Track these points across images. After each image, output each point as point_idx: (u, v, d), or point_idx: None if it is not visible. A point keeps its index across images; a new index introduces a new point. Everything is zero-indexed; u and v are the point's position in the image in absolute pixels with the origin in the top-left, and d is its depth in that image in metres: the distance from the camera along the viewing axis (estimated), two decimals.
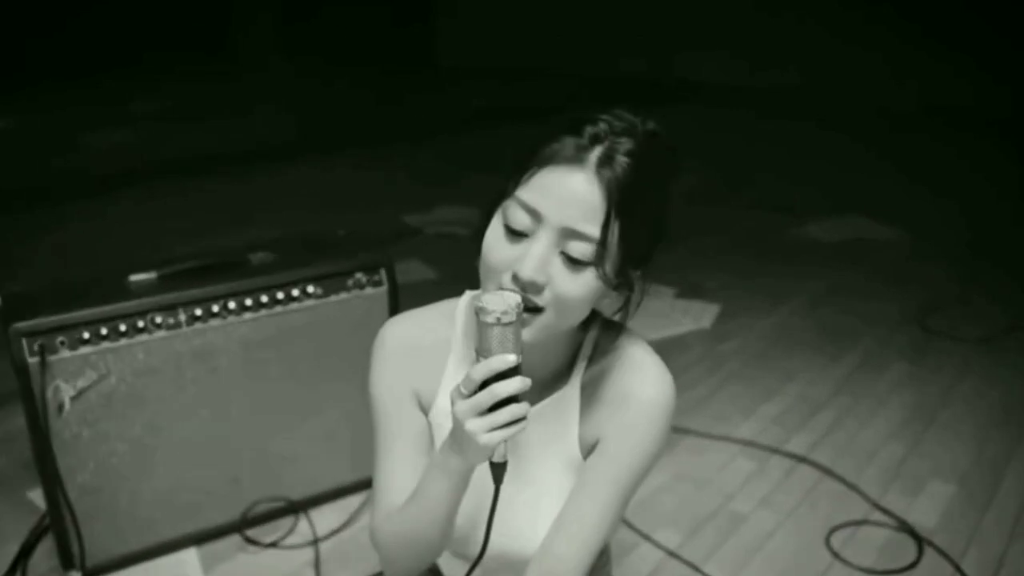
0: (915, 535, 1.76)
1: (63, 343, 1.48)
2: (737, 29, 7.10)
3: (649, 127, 0.89)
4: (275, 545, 1.71)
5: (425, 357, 1.02)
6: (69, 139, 5.32)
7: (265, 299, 1.65)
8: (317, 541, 1.72)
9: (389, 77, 7.51)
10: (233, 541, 1.72)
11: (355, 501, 1.83)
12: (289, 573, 1.65)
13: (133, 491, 1.61)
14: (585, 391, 0.98)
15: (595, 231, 0.84)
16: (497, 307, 0.80)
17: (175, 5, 7.96)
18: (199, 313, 1.59)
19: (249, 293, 1.63)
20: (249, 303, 1.63)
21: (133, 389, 1.56)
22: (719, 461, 2.04)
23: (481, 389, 0.82)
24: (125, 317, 1.52)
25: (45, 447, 1.48)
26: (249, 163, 4.79)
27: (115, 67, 7.30)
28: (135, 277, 1.61)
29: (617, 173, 0.84)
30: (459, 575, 1.09)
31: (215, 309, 1.60)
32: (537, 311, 0.86)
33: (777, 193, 4.33)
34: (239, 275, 1.66)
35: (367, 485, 1.85)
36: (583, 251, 0.84)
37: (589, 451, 0.98)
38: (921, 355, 2.59)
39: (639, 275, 0.92)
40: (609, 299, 0.93)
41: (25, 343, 1.45)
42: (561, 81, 6.72)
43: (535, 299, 0.86)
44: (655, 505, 1.86)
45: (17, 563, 1.64)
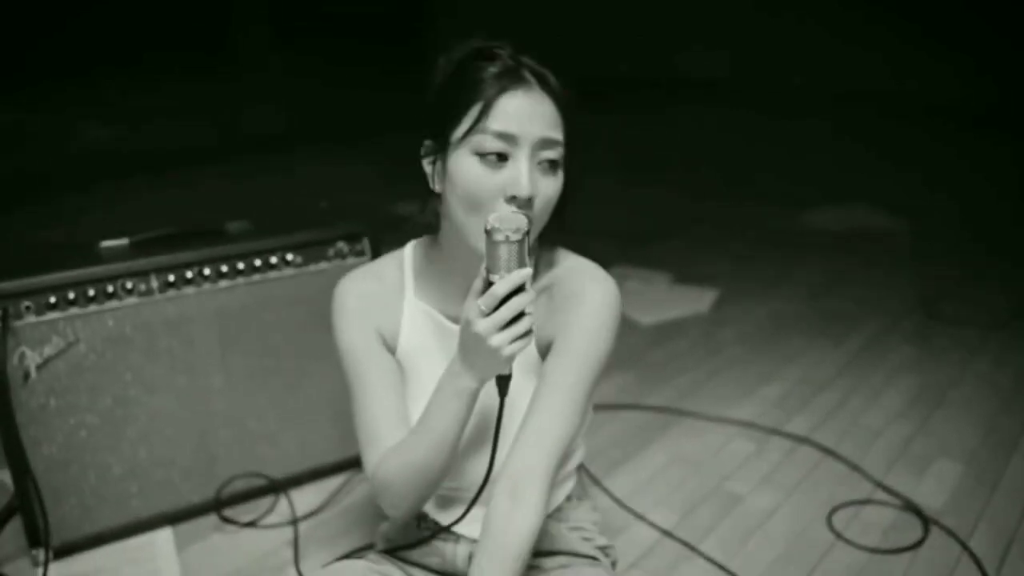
0: (921, 514, 1.68)
1: (29, 308, 1.42)
2: (737, 29, 7.09)
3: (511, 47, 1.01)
4: (253, 524, 1.64)
5: (382, 302, 1.12)
6: (68, 134, 5.32)
7: (242, 266, 1.59)
8: (296, 521, 1.65)
9: (388, 76, 7.49)
10: (209, 521, 1.65)
11: (336, 481, 1.76)
12: (267, 552, 1.58)
13: (103, 466, 1.54)
14: (539, 299, 1.07)
15: (560, 135, 0.97)
16: (508, 226, 0.88)
17: (174, 5, 8.01)
18: (172, 279, 1.52)
19: (225, 260, 1.57)
20: (225, 270, 1.57)
21: (103, 359, 1.50)
22: (716, 443, 1.97)
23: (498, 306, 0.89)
24: (94, 282, 1.46)
25: (8, 415, 1.41)
26: (245, 157, 4.78)
27: (114, 65, 7.34)
28: (106, 243, 1.56)
29: (553, 84, 0.99)
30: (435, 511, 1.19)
31: (189, 275, 1.54)
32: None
33: (777, 188, 4.27)
34: (215, 243, 1.60)
35: (349, 465, 1.78)
36: (557, 153, 0.97)
37: (546, 351, 1.06)
38: (926, 340, 2.52)
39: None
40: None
41: None
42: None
43: (528, 214, 0.94)
44: (650, 487, 1.79)
45: None
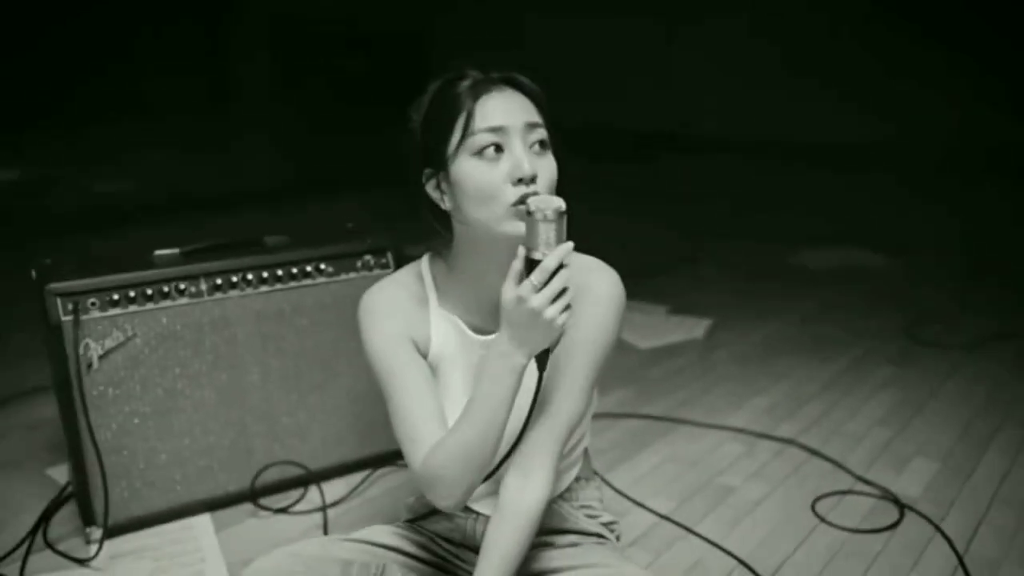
0: (897, 501, 1.83)
1: (94, 304, 1.60)
2: (728, 88, 7.45)
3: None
4: (285, 511, 1.79)
5: (411, 310, 1.20)
6: (76, 181, 5.63)
7: (280, 274, 1.77)
8: (325, 508, 1.79)
9: (390, 126, 7.79)
10: (244, 508, 1.80)
11: (360, 475, 1.92)
12: (298, 536, 1.72)
13: (152, 453, 1.70)
14: None
15: (540, 118, 1.10)
16: (548, 206, 0.99)
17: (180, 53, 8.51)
18: (219, 283, 1.71)
19: (265, 268, 1.76)
20: (265, 276, 1.76)
21: (156, 353, 1.67)
22: (710, 445, 2.12)
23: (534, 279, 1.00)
24: (151, 283, 1.65)
25: (77, 398, 1.58)
26: (248, 203, 4.95)
27: (119, 113, 7.69)
28: (159, 252, 1.75)
29: (520, 81, 1.12)
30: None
31: (234, 280, 1.73)
32: None
33: (771, 230, 4.49)
34: (256, 253, 1.79)
35: (372, 462, 1.94)
36: (543, 134, 1.10)
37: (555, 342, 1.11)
38: (908, 361, 2.69)
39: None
40: None
41: (59, 302, 1.57)
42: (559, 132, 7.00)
43: (537, 189, 1.06)
44: (648, 480, 1.94)
45: (38, 526, 1.72)
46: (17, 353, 2.60)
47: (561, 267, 1.00)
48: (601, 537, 1.33)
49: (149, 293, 1.65)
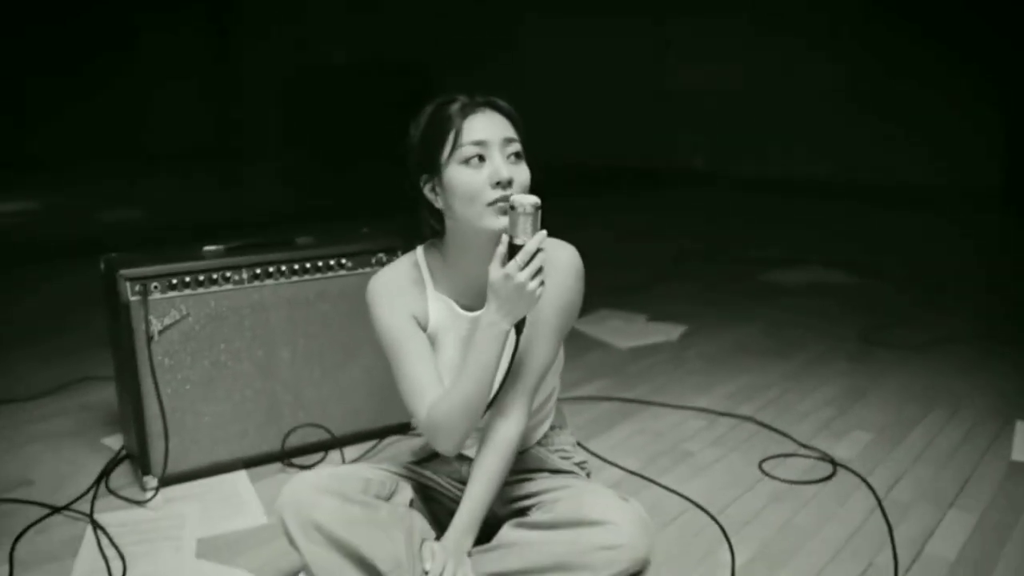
0: (833, 462, 2.14)
1: (156, 287, 1.94)
2: (713, 123, 7.90)
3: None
4: (310, 468, 2.10)
5: (411, 292, 1.45)
6: (87, 215, 6.16)
7: (308, 267, 2.11)
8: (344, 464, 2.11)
9: (395, 168, 8.20)
10: (274, 466, 2.11)
11: (372, 443, 2.23)
12: None
13: (198, 415, 2.02)
14: None
15: (516, 134, 1.35)
16: (527, 202, 1.25)
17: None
18: (258, 273, 2.05)
19: (296, 261, 2.10)
20: (296, 268, 2.10)
21: (204, 330, 2.00)
22: (675, 421, 2.44)
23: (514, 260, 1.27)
24: (203, 271, 1.99)
25: (146, 362, 1.91)
26: (252, 228, 5.31)
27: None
28: (208, 248, 2.09)
29: (499, 105, 1.37)
30: None
31: (270, 271, 2.07)
32: None
33: (748, 252, 4.85)
34: (288, 250, 2.13)
35: (384, 433, 2.25)
36: (518, 147, 1.35)
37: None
38: (860, 358, 3.01)
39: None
40: None
41: (128, 285, 1.91)
42: (556, 171, 7.43)
43: (513, 191, 1.33)
44: (618, 447, 2.25)
45: (101, 477, 2.03)
46: (66, 352, 2.99)
47: (539, 250, 1.26)
48: (573, 474, 1.63)
49: (201, 279, 1.98)
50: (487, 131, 1.33)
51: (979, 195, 6.35)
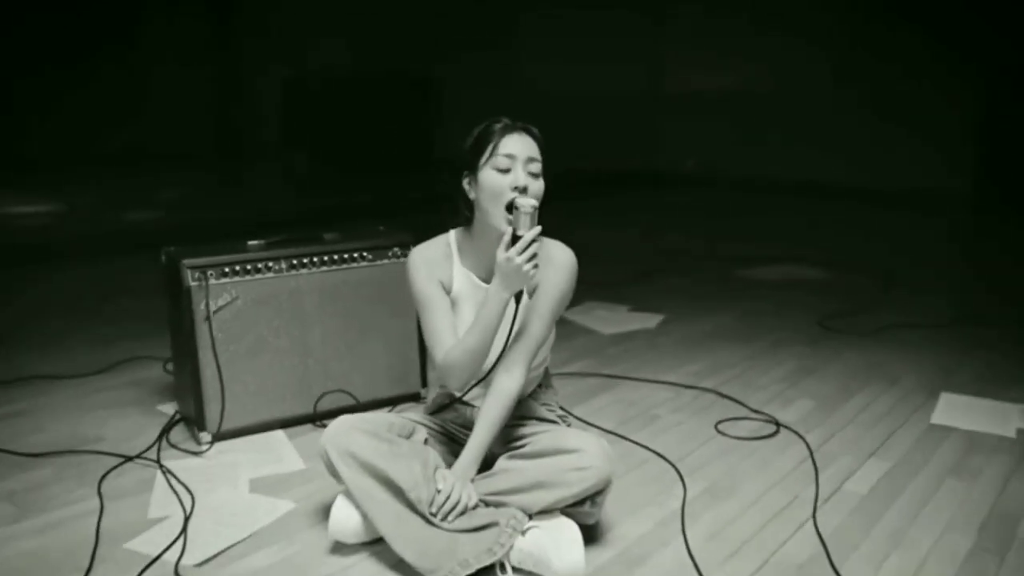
0: (777, 423, 2.54)
1: (211, 274, 2.33)
2: (702, 133, 8.30)
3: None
4: None
5: (441, 264, 1.89)
6: (111, 216, 6.61)
7: (336, 258, 2.51)
8: None
9: (398, 178, 8.56)
10: (307, 427, 2.51)
11: (388, 408, 2.63)
12: None
13: (243, 383, 2.42)
14: None
15: (539, 156, 1.78)
16: (527, 203, 1.68)
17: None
18: (294, 263, 2.45)
19: (325, 253, 2.50)
20: (325, 259, 2.49)
21: (250, 311, 2.40)
22: (646, 392, 2.83)
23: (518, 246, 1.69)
24: (250, 261, 2.39)
25: (206, 336, 2.31)
26: (263, 230, 5.74)
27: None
28: (251, 243, 2.48)
29: (532, 131, 1.81)
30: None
31: (304, 261, 2.46)
32: None
33: (730, 251, 5.25)
34: (318, 244, 2.53)
35: (398, 400, 2.65)
36: (538, 167, 1.78)
37: (532, 292, 1.81)
38: (815, 342, 3.40)
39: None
40: None
41: (189, 272, 2.30)
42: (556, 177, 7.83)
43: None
44: (595, 414, 2.65)
45: (163, 433, 2.43)
46: (108, 338, 3.38)
47: (534, 241, 1.69)
48: (556, 423, 2.04)
49: (248, 268, 2.38)
50: (517, 148, 1.75)
51: (966, 196, 6.74)
